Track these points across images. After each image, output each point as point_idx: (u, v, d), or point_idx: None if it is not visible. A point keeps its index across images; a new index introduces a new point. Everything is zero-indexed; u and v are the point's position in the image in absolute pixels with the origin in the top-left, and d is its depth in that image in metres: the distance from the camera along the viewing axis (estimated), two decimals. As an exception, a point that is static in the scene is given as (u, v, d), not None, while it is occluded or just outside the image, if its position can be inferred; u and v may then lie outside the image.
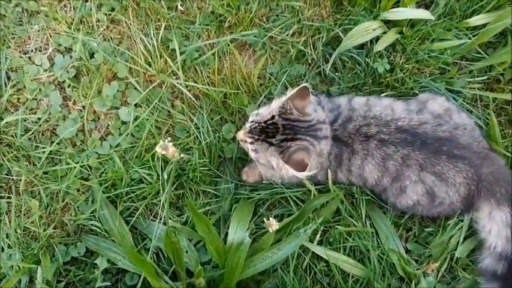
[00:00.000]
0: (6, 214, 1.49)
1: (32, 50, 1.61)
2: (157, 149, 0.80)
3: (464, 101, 1.59)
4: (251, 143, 1.33)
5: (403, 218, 1.52)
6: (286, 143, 1.28)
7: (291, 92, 1.29)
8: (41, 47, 1.62)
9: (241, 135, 1.36)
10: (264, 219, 1.14)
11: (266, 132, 1.31)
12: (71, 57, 1.59)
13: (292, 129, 1.30)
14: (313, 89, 1.60)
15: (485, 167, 1.37)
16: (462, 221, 1.48)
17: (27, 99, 1.56)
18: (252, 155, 1.35)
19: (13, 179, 1.51)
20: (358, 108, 1.40)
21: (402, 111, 1.39)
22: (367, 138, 1.36)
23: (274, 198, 1.52)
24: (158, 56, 1.57)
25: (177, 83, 1.56)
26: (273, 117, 1.31)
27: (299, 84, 1.27)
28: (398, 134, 1.35)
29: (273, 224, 1.10)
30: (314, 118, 1.32)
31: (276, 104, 1.33)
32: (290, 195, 1.50)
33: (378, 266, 1.46)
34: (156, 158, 1.48)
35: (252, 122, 1.34)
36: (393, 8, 1.59)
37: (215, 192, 1.54)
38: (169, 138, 0.80)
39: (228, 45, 1.59)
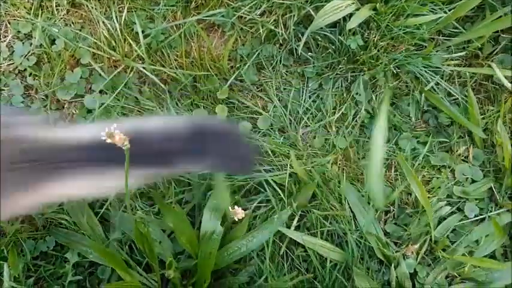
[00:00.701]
0: (-30, 210, 1.44)
1: (-10, 38, 1.54)
2: (103, 137, 0.74)
3: (442, 79, 1.55)
4: None
5: (381, 200, 1.49)
6: None
7: None
8: (-1, 35, 1.55)
9: None
10: (229, 207, 1.09)
11: None
12: (31, 44, 1.52)
13: None
14: (286, 71, 1.55)
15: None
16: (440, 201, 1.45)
17: (-13, 90, 1.50)
18: None
19: (-25, 173, 1.45)
20: None
21: None
22: None
23: (249, 184, 1.46)
24: (122, 40, 1.50)
25: (142, 67, 1.49)
26: None
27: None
28: None
29: (239, 212, 1.05)
30: None
31: None
32: (268, 180, 1.44)
33: (356, 249, 1.43)
34: (124, 147, 1.42)
35: None
36: (367, -17, 1.53)
37: (188, 180, 1.48)
38: (115, 125, 0.74)
39: (195, 26, 1.53)
